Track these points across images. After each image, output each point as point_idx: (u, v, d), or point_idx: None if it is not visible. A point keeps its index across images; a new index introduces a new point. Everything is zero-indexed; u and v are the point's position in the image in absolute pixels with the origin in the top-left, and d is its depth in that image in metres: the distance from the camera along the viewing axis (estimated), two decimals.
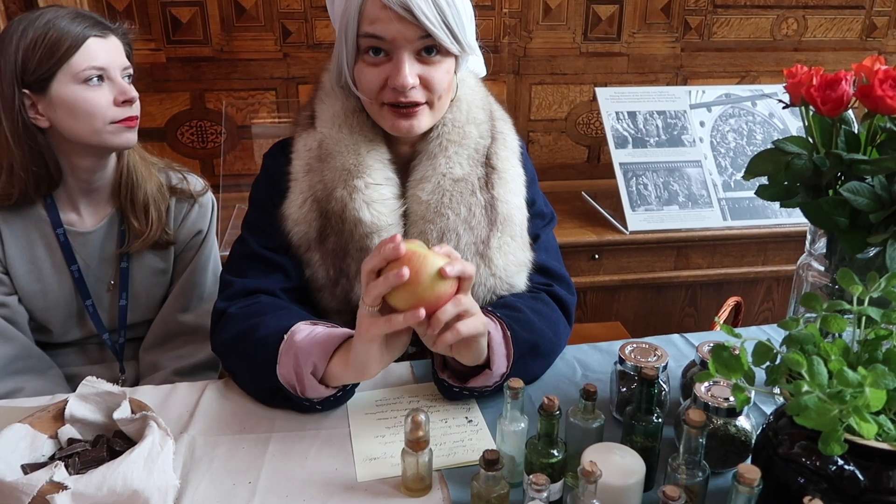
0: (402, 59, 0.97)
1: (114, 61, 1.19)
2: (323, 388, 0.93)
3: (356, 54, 1.00)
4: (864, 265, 0.88)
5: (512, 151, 1.13)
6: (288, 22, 2.22)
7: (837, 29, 2.53)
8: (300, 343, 0.92)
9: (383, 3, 0.94)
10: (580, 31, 2.38)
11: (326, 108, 1.08)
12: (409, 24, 0.94)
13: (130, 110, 1.20)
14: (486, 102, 1.14)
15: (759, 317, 2.30)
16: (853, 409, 0.63)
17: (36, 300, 1.29)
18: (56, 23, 1.15)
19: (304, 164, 1.08)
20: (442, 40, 0.96)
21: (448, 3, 0.96)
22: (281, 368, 0.94)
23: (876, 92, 0.79)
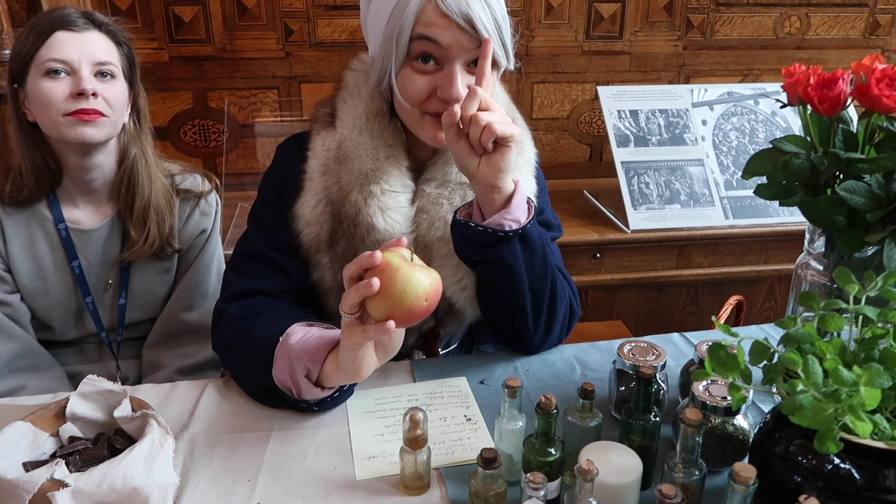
0: (455, 70, 0.96)
1: (83, 55, 1.17)
2: (318, 391, 0.93)
3: (405, 59, 0.98)
4: (862, 264, 0.88)
5: (526, 161, 1.14)
6: (290, 21, 2.23)
7: (840, 27, 2.52)
8: (294, 346, 0.92)
9: (443, 11, 0.93)
10: (582, 30, 2.38)
11: (349, 108, 1.07)
12: (467, 34, 0.94)
13: (84, 103, 1.17)
14: (510, 109, 1.15)
15: (761, 315, 2.30)
16: (848, 407, 0.64)
17: (38, 298, 1.30)
18: (39, 20, 1.18)
19: (320, 165, 1.07)
20: (496, 52, 0.97)
21: (503, 17, 0.97)
22: (276, 371, 0.94)
23: (872, 91, 0.79)
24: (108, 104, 1.20)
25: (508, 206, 0.97)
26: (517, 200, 0.97)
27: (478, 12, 0.93)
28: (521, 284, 1.02)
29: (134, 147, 1.29)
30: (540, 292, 1.04)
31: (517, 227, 0.97)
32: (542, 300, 1.05)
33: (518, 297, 1.03)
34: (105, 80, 1.20)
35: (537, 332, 1.09)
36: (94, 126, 1.19)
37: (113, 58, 1.22)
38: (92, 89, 1.17)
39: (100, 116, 1.19)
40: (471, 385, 1.06)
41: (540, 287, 1.04)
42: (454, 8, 0.92)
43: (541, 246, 1.02)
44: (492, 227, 0.97)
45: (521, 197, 0.98)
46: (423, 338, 1.19)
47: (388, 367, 1.11)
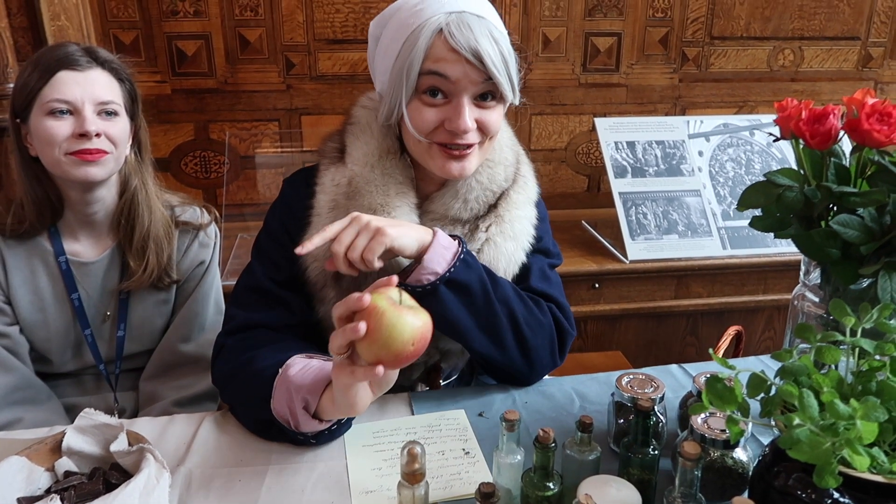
0: (463, 103, 0.98)
1: (86, 95, 1.19)
2: (316, 423, 0.93)
3: (413, 93, 0.99)
4: (857, 296, 0.88)
5: (527, 197, 1.15)
6: (291, 54, 2.26)
7: (834, 59, 2.56)
8: (293, 378, 0.92)
9: (451, 46, 0.95)
10: (579, 63, 2.42)
11: (360, 145, 1.07)
12: (475, 68, 0.96)
13: (87, 143, 1.18)
14: (514, 144, 1.17)
15: (760, 346, 2.29)
16: (846, 441, 0.63)
17: (37, 330, 1.30)
18: (42, 56, 1.19)
19: (329, 200, 1.07)
20: (503, 87, 0.98)
21: (509, 53, 0.99)
22: (275, 403, 0.93)
23: (863, 126, 0.80)
24: (111, 142, 1.22)
25: (423, 259, 0.97)
26: (430, 254, 0.97)
27: (486, 47, 0.95)
28: (465, 329, 1.02)
29: (135, 178, 1.30)
30: (495, 327, 1.04)
31: (435, 278, 0.97)
32: (501, 334, 1.05)
33: (470, 340, 1.04)
34: (107, 118, 1.22)
35: (514, 364, 1.09)
36: (98, 165, 1.20)
37: (115, 96, 1.23)
38: (95, 130, 1.18)
39: (103, 155, 1.20)
40: (469, 418, 1.06)
41: (493, 322, 1.03)
42: (463, 43, 0.94)
43: (479, 284, 1.01)
44: (410, 284, 0.98)
45: (438, 250, 0.98)
46: (427, 371, 1.19)
47: (386, 399, 1.11)
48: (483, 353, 1.07)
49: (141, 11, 2.15)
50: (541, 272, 1.16)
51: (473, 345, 1.05)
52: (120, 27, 2.15)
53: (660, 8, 2.39)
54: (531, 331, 1.07)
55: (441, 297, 0.99)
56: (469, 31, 0.95)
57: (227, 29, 2.20)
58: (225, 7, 2.18)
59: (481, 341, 1.05)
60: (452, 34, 0.95)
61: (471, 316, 1.02)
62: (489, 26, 0.97)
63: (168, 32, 2.18)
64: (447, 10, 0.96)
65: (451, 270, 0.99)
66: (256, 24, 2.21)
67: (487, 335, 1.04)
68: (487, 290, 1.03)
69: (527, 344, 1.08)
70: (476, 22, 0.96)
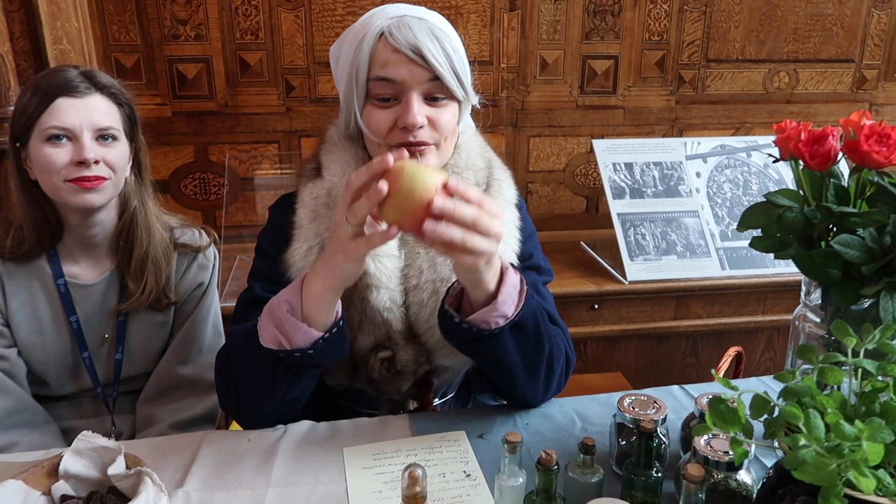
0: (412, 98, 1.00)
1: (84, 121, 1.18)
2: (307, 328, 0.92)
3: (365, 99, 1.03)
4: (859, 316, 0.88)
5: (506, 200, 1.14)
6: (291, 77, 2.28)
7: (828, 82, 2.58)
8: (270, 302, 0.95)
9: (394, 47, 0.99)
10: (576, 85, 2.44)
11: (335, 157, 1.11)
12: (419, 66, 0.99)
13: (86, 171, 1.18)
14: (484, 150, 1.18)
15: (760, 367, 2.28)
16: (851, 463, 0.63)
17: (35, 352, 1.29)
18: (42, 82, 1.19)
19: (309, 212, 1.09)
20: (449, 82, 1.01)
21: (454, 50, 1.02)
22: (263, 335, 0.94)
23: (862, 147, 0.81)
24: (110, 167, 1.22)
25: (495, 302, 0.92)
26: (504, 294, 0.92)
27: (426, 44, 0.98)
28: (513, 369, 1.01)
29: (134, 199, 1.30)
30: (535, 364, 1.03)
31: (504, 322, 0.94)
32: (539, 370, 1.04)
33: (510, 378, 1.03)
34: (106, 143, 1.21)
35: (536, 393, 1.09)
36: (96, 192, 1.20)
37: (114, 121, 1.23)
38: (94, 157, 1.18)
39: (102, 182, 1.20)
40: (470, 439, 1.05)
41: (535, 360, 1.03)
42: (403, 42, 0.98)
43: (533, 324, 0.99)
44: (476, 325, 0.94)
45: (509, 287, 0.93)
46: (417, 386, 1.18)
47: (387, 420, 1.10)
48: (509, 392, 1.08)
49: (142, 35, 2.17)
50: (536, 291, 1.15)
51: (516, 384, 1.05)
52: (121, 51, 2.17)
53: (656, 31, 2.42)
54: (557, 362, 1.07)
55: (503, 342, 0.96)
56: (409, 30, 0.99)
57: (227, 52, 2.22)
58: (226, 31, 2.20)
59: (519, 380, 1.04)
60: (392, 35, 0.99)
61: (520, 355, 1.00)
62: (430, 26, 1.01)
63: (169, 56, 2.20)
64: (389, 16, 1.02)
65: (518, 313, 0.95)
66: (257, 48, 2.23)
67: (528, 373, 1.04)
68: (539, 326, 1.00)
69: (552, 376, 1.08)
70: (416, 23, 1.00)
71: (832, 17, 2.49)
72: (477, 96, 1.11)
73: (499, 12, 2.31)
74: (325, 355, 0.96)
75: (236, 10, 2.19)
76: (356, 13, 2.22)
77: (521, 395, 1.09)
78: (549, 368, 1.06)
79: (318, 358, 0.95)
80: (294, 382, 0.99)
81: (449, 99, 1.04)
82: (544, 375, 1.06)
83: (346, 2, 2.23)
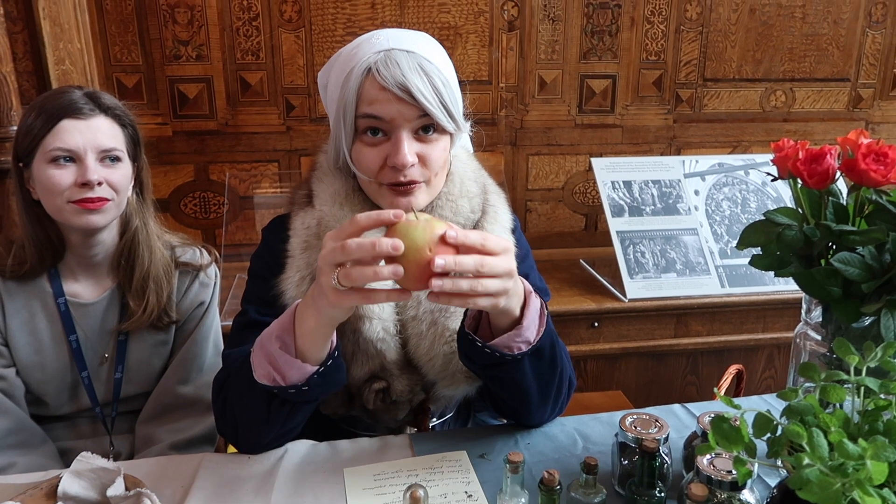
0: (401, 137, 0.97)
1: (88, 143, 1.19)
2: (301, 364, 0.90)
3: (354, 135, 1.01)
4: (860, 334, 0.88)
5: (501, 226, 1.13)
6: (291, 97, 2.30)
7: (825, 100, 2.61)
8: (261, 335, 0.93)
9: (381, 85, 0.95)
10: (575, 104, 2.46)
11: (326, 187, 1.09)
12: (408, 104, 0.96)
13: (89, 192, 1.18)
14: (479, 176, 1.16)
15: (761, 385, 2.28)
16: (856, 482, 0.63)
17: (34, 372, 1.28)
18: (46, 103, 1.20)
19: (301, 242, 1.08)
20: (439, 119, 0.98)
21: (444, 84, 0.98)
22: (257, 371, 0.93)
23: (860, 166, 0.82)
24: (113, 188, 1.22)
25: (520, 327, 0.91)
26: (528, 319, 0.91)
27: (414, 81, 0.95)
28: (529, 392, 1.01)
29: (136, 218, 1.31)
30: (549, 387, 1.03)
31: (527, 348, 0.93)
32: (551, 392, 1.04)
33: (525, 401, 1.03)
34: (110, 164, 1.22)
35: (545, 414, 1.09)
36: (100, 213, 1.21)
37: (118, 142, 1.23)
38: (97, 179, 1.18)
39: (105, 203, 1.21)
40: (471, 459, 1.04)
41: (550, 382, 1.02)
42: (390, 80, 0.94)
43: (550, 348, 0.98)
44: (499, 350, 0.92)
45: (533, 313, 0.92)
46: (414, 412, 1.17)
47: (387, 440, 1.10)
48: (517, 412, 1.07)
49: (144, 56, 2.19)
50: None
51: (529, 407, 1.04)
52: (123, 71, 2.19)
53: (653, 51, 2.45)
54: (565, 381, 1.06)
55: (523, 367, 0.96)
56: (396, 67, 0.95)
57: (228, 72, 2.24)
58: (227, 51, 2.22)
59: (532, 402, 1.03)
60: (380, 72, 0.95)
61: (536, 379, 0.99)
62: (419, 59, 0.97)
63: (170, 76, 2.21)
64: (376, 50, 0.97)
65: (540, 338, 0.94)
66: (257, 68, 2.25)
67: (541, 396, 1.03)
68: (555, 350, 0.99)
69: (560, 396, 1.07)
70: (404, 57, 0.96)
71: (827, 37, 2.52)
72: (469, 123, 1.07)
73: (497, 33, 2.33)
74: (320, 389, 0.95)
75: (237, 31, 2.21)
76: (356, 33, 2.23)
77: (531, 416, 1.08)
78: (558, 389, 1.05)
79: (313, 393, 0.94)
80: (290, 417, 0.98)
81: (439, 133, 1.01)
82: (554, 397, 1.06)
83: (346, 23, 2.25)
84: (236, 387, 0.99)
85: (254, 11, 2.20)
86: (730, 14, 2.44)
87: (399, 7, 2.25)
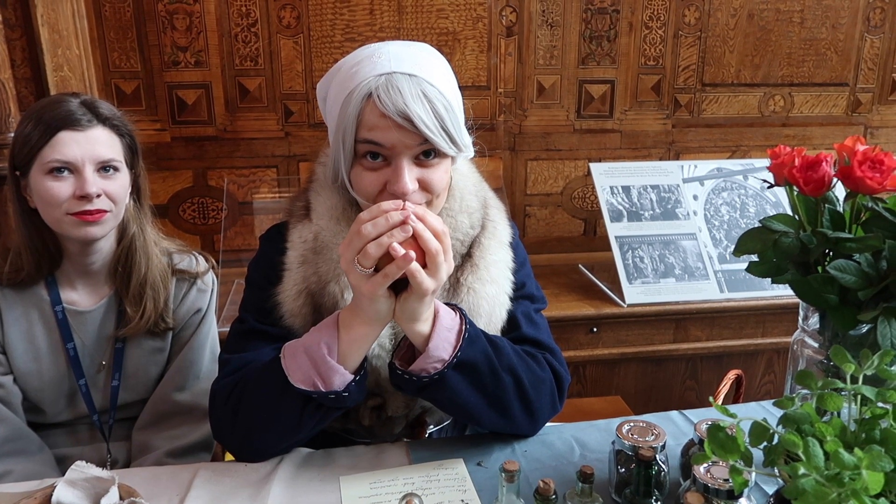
0: (402, 165, 0.95)
1: (86, 155, 1.18)
2: (343, 370, 0.93)
3: (353, 158, 0.99)
4: (857, 341, 0.88)
5: (499, 241, 1.13)
6: (290, 102, 2.30)
7: (823, 105, 2.61)
8: (302, 341, 0.95)
9: (381, 112, 0.93)
10: (573, 109, 2.46)
11: (323, 200, 1.08)
12: (409, 132, 0.93)
13: (88, 205, 1.18)
14: (480, 189, 1.15)
15: (761, 390, 2.27)
16: (852, 492, 0.62)
17: (31, 380, 1.28)
18: (44, 113, 1.19)
19: (298, 255, 1.08)
20: (440, 146, 0.96)
21: (446, 109, 0.96)
22: (295, 374, 0.94)
23: (856, 173, 0.81)
24: (112, 199, 1.22)
25: (427, 349, 0.94)
26: (436, 339, 0.94)
27: (416, 110, 0.92)
28: (474, 408, 1.01)
29: (133, 225, 1.31)
30: (502, 400, 1.02)
31: (442, 366, 0.95)
32: (508, 404, 1.03)
33: (474, 417, 1.03)
34: (108, 174, 1.22)
35: (519, 423, 1.07)
36: (98, 225, 1.21)
37: (116, 153, 1.23)
38: (96, 191, 1.18)
39: (103, 215, 1.21)
40: (468, 467, 1.04)
41: (500, 396, 1.02)
42: (391, 108, 0.92)
43: (485, 359, 0.99)
44: (415, 374, 0.95)
45: (442, 331, 0.95)
46: (411, 426, 1.17)
47: (383, 448, 1.09)
48: (491, 428, 1.08)
49: (143, 62, 2.19)
50: (528, 318, 1.15)
51: (482, 423, 1.04)
52: (122, 77, 2.19)
53: (651, 56, 2.45)
54: (535, 392, 1.05)
55: (449, 383, 0.96)
56: (398, 94, 0.92)
57: (227, 78, 2.24)
58: (225, 57, 2.22)
59: (490, 417, 1.03)
60: (381, 98, 0.93)
61: (479, 394, 1.00)
62: (421, 84, 0.94)
63: (169, 82, 2.22)
64: (377, 73, 0.94)
65: (457, 354, 0.96)
66: (256, 74, 2.26)
67: (496, 410, 1.03)
68: (493, 363, 1.00)
69: (531, 406, 1.06)
70: (406, 82, 0.93)
71: (826, 42, 2.52)
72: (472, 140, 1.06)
73: (496, 38, 2.34)
74: (355, 396, 0.97)
75: (236, 37, 2.21)
76: (355, 39, 2.25)
77: (504, 429, 1.08)
78: (523, 399, 1.04)
79: (350, 399, 0.96)
80: (320, 422, 0.99)
81: (441, 157, 0.99)
82: (519, 407, 1.04)
83: (345, 29, 2.25)
84: (258, 392, 0.98)
85: (252, 17, 2.20)
86: (728, 19, 2.45)
87: (397, 13, 2.25)
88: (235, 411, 1.01)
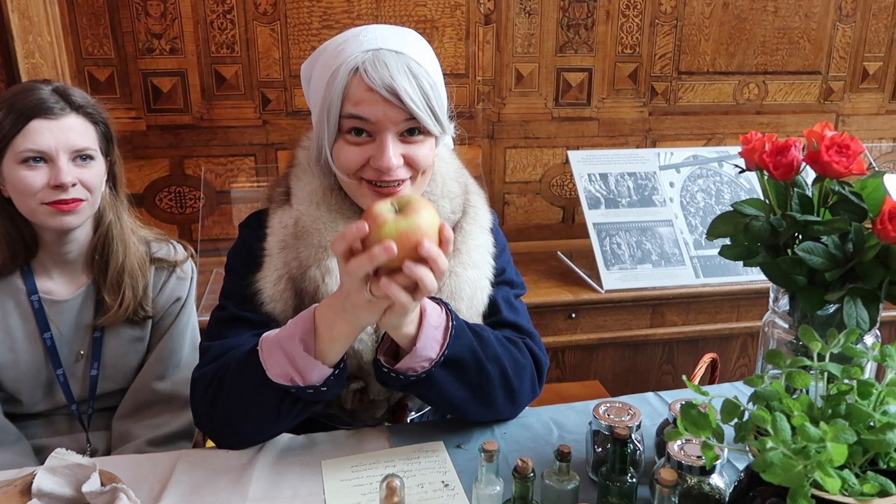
0: (386, 141, 0.96)
1: (60, 143, 1.17)
2: (321, 365, 0.92)
3: (337, 134, 0.99)
4: (825, 321, 0.91)
5: (480, 227, 1.14)
6: (267, 90, 2.28)
7: (796, 93, 2.65)
8: (278, 335, 0.93)
9: (368, 86, 0.93)
10: (551, 97, 2.47)
11: (303, 185, 1.08)
12: (394, 106, 0.94)
13: (63, 194, 1.17)
14: (461, 175, 1.16)
15: (735, 373, 2.32)
16: (817, 464, 0.65)
17: (7, 370, 1.27)
18: (16, 102, 1.17)
19: (278, 241, 1.07)
20: (426, 122, 0.96)
21: (431, 86, 0.97)
22: (272, 369, 0.92)
23: (823, 157, 0.84)
24: (87, 188, 1.21)
25: (415, 349, 0.93)
26: (423, 338, 0.93)
27: (402, 84, 0.93)
28: (462, 402, 1.02)
29: (110, 213, 1.30)
30: (487, 391, 1.03)
31: (429, 365, 0.95)
32: (492, 394, 1.04)
33: (462, 410, 1.04)
34: (83, 163, 1.20)
35: (502, 411, 1.09)
36: (74, 214, 1.20)
37: (90, 141, 1.22)
38: (71, 181, 1.17)
39: (79, 204, 1.19)
40: (448, 450, 1.06)
41: (485, 387, 1.03)
42: (378, 81, 0.93)
43: (471, 354, 0.99)
44: (402, 372, 0.95)
45: (429, 329, 0.94)
46: (392, 410, 1.18)
47: (364, 432, 1.10)
48: (476, 418, 1.09)
49: (116, 49, 2.16)
50: (508, 303, 1.16)
51: (467, 415, 1.06)
52: (95, 64, 2.16)
53: (628, 44, 2.47)
54: (518, 379, 1.07)
55: (436, 381, 0.97)
56: (385, 69, 0.93)
57: (203, 66, 2.22)
58: (201, 45, 2.20)
59: (475, 409, 1.04)
60: (367, 72, 0.93)
61: (465, 388, 1.00)
62: (407, 61, 0.96)
63: (144, 69, 2.19)
64: (364, 49, 0.95)
65: (444, 352, 0.95)
66: (232, 62, 2.24)
67: (481, 402, 1.04)
68: (478, 356, 1.00)
69: (514, 393, 1.07)
70: (393, 58, 0.95)
71: (799, 31, 2.56)
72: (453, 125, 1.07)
73: (474, 26, 2.34)
74: (334, 389, 0.96)
75: (212, 24, 2.19)
76: (332, 27, 2.24)
77: (486, 418, 1.10)
78: (506, 388, 1.05)
79: (329, 393, 0.96)
80: (300, 414, 0.99)
81: (425, 135, 1.00)
82: (503, 395, 1.06)
83: (323, 16, 2.24)
84: (236, 383, 0.98)
85: (228, 4, 2.18)
86: (703, 8, 2.47)
87: (375, 0, 2.25)
88: (215, 401, 1.01)
